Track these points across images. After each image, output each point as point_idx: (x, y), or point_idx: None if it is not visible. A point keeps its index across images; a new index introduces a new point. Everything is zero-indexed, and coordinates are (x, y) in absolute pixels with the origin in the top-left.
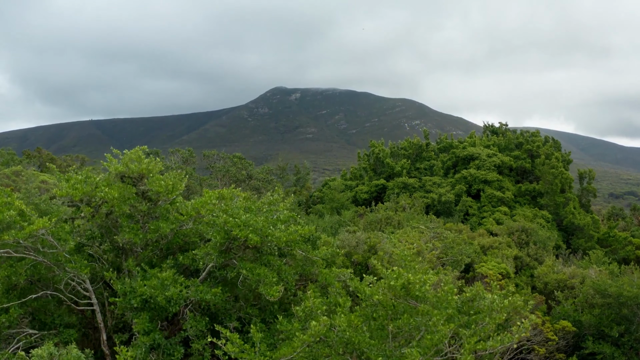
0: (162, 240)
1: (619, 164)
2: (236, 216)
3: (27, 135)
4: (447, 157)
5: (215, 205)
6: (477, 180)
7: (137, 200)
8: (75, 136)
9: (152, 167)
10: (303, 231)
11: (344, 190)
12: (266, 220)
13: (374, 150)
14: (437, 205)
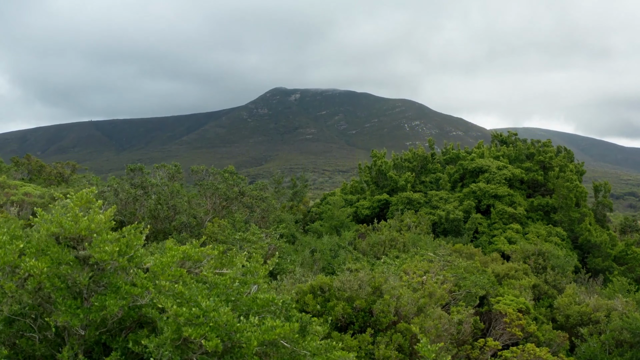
0: (111, 319)
1: (619, 165)
2: (194, 302)
3: (27, 136)
4: (454, 169)
5: (177, 272)
6: (486, 195)
7: (75, 269)
8: (74, 137)
9: (97, 224)
10: (284, 330)
11: (344, 206)
12: (235, 307)
13: (375, 161)
14: (445, 223)
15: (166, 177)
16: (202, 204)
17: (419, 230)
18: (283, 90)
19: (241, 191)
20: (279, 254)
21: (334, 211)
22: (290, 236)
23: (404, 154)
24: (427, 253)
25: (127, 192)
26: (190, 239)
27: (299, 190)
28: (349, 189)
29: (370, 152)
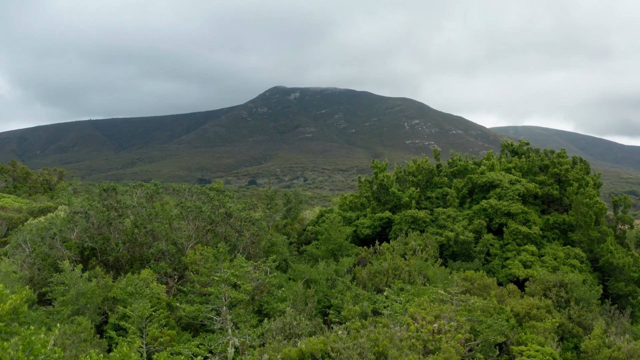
0: None
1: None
2: None
3: (26, 135)
4: (462, 183)
5: None
6: (498, 213)
7: None
8: (74, 136)
9: None
10: None
11: (342, 224)
12: None
13: (377, 174)
14: (454, 245)
15: (144, 198)
16: (184, 230)
17: (425, 254)
18: (282, 89)
19: (228, 213)
20: (269, 289)
21: (331, 233)
22: (283, 261)
23: (407, 165)
24: (437, 291)
25: (100, 213)
26: (169, 270)
27: (293, 206)
28: (348, 204)
29: (371, 162)
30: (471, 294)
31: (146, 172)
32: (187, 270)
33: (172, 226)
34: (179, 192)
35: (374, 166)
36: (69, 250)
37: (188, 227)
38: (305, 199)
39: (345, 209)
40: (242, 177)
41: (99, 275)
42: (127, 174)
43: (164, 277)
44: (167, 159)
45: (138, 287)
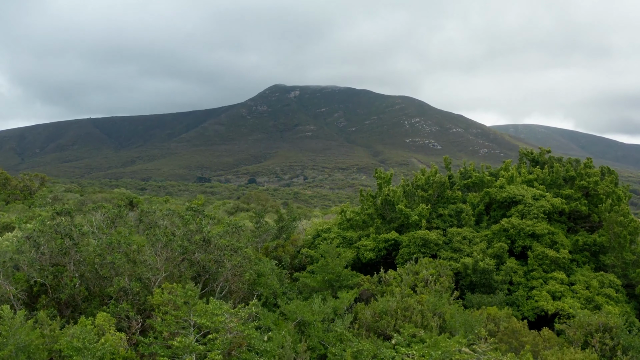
0: None
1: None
2: None
3: (25, 133)
4: (478, 197)
5: None
6: (522, 235)
7: None
8: (73, 135)
9: None
10: None
11: (341, 242)
12: None
13: (381, 186)
14: (472, 274)
15: (104, 224)
16: (151, 264)
17: (439, 286)
18: (282, 87)
19: (206, 239)
20: (249, 342)
21: (328, 260)
22: (272, 295)
23: (415, 176)
24: (459, 349)
25: (52, 241)
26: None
27: (286, 225)
28: (348, 222)
29: (374, 172)
30: (497, 340)
31: (146, 171)
32: (155, 312)
33: (136, 258)
34: (147, 215)
35: (377, 176)
36: (17, 284)
37: (155, 260)
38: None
39: (344, 227)
40: (242, 176)
41: (44, 323)
42: (127, 173)
43: (125, 321)
44: (166, 157)
45: (87, 340)
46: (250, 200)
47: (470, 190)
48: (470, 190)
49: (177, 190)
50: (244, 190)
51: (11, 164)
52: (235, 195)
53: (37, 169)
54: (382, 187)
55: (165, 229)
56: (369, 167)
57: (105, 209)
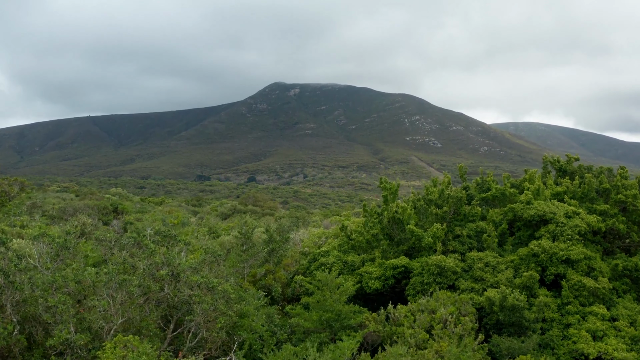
0: None
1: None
2: None
3: (25, 132)
4: (500, 214)
5: None
6: (554, 260)
7: None
8: (73, 133)
9: None
10: None
11: (341, 271)
12: None
13: (387, 199)
14: (499, 312)
15: (47, 257)
16: (103, 310)
17: (460, 328)
18: (282, 85)
19: (175, 273)
20: None
21: (325, 294)
22: (258, 341)
23: (426, 189)
24: None
25: None
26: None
27: (277, 246)
28: (349, 243)
29: (379, 181)
30: None
31: (145, 169)
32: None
33: (80, 304)
34: (104, 243)
35: (382, 187)
36: None
37: (106, 305)
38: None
39: (345, 250)
40: (242, 174)
41: None
42: (126, 171)
43: None
44: (166, 155)
45: None
46: (248, 201)
47: (489, 204)
48: (490, 205)
49: (177, 188)
50: (243, 189)
51: (11, 162)
52: (234, 193)
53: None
54: (388, 200)
55: (124, 262)
56: (369, 165)
57: (49, 238)
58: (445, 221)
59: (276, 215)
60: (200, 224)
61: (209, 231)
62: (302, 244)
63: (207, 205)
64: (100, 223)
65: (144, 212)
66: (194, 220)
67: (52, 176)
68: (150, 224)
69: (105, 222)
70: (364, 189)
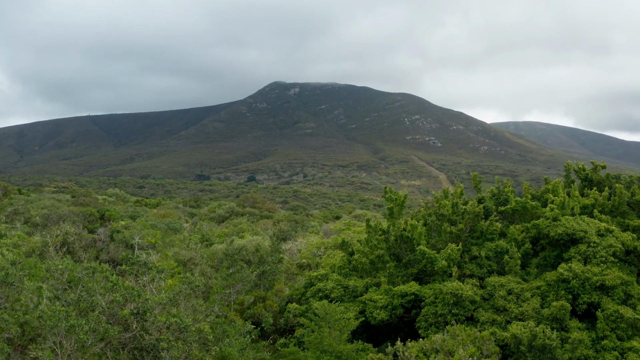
0: None
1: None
2: None
3: (24, 131)
4: (520, 230)
5: None
6: (587, 287)
7: None
8: (72, 132)
9: None
10: None
11: (342, 297)
12: None
13: (392, 211)
14: (527, 353)
15: None
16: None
17: None
18: (282, 85)
19: (141, 311)
20: None
21: (323, 330)
22: None
23: (437, 200)
24: None
25: None
26: None
27: (268, 269)
28: (351, 264)
29: (383, 191)
30: None
31: (145, 168)
32: None
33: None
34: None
35: (388, 198)
36: None
37: (50, 355)
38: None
39: (346, 273)
40: (242, 173)
41: None
42: (126, 170)
43: None
44: (166, 154)
45: None
46: (246, 202)
47: (508, 219)
48: (508, 220)
49: (176, 188)
50: (243, 189)
51: (10, 161)
52: (234, 193)
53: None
54: (394, 213)
55: (79, 299)
56: (369, 164)
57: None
58: (460, 240)
59: (274, 218)
60: (193, 230)
61: (201, 239)
62: (299, 254)
63: (205, 206)
64: (85, 231)
65: (136, 217)
66: (187, 226)
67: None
68: (139, 232)
69: (91, 230)
70: (364, 189)
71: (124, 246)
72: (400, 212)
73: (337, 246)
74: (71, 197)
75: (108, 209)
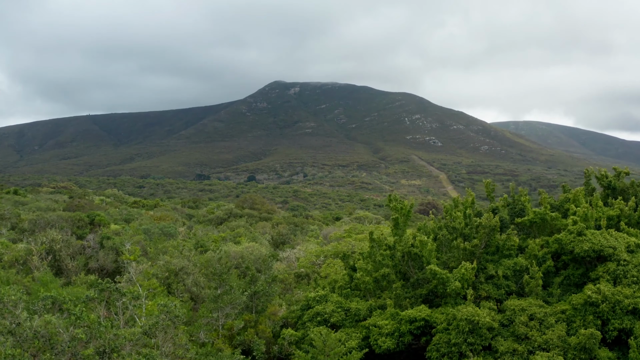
0: None
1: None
2: None
3: (24, 131)
4: (540, 246)
5: None
6: (617, 311)
7: None
8: (72, 132)
9: None
10: None
11: (343, 322)
12: None
13: (397, 222)
14: None
15: None
16: None
17: None
18: (282, 84)
19: (108, 350)
20: None
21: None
22: None
23: (447, 211)
24: None
25: None
26: None
27: (261, 290)
28: (351, 282)
29: (387, 199)
30: None
31: (145, 168)
32: None
33: None
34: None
35: (392, 207)
36: None
37: None
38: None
39: (347, 294)
40: (242, 173)
41: None
42: (126, 170)
43: None
44: (165, 154)
45: None
46: (245, 203)
47: (524, 231)
48: (525, 232)
49: (176, 188)
50: (243, 188)
51: (10, 161)
52: (234, 193)
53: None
54: (400, 225)
55: (36, 336)
56: (369, 164)
57: None
58: (474, 257)
59: (273, 220)
60: (188, 234)
61: (196, 245)
62: (297, 263)
63: (204, 207)
64: (73, 238)
65: (130, 220)
66: (182, 230)
67: (51, 175)
68: (130, 238)
69: (80, 236)
70: (364, 188)
71: (114, 253)
72: (406, 223)
73: (337, 255)
74: (68, 198)
75: (98, 214)
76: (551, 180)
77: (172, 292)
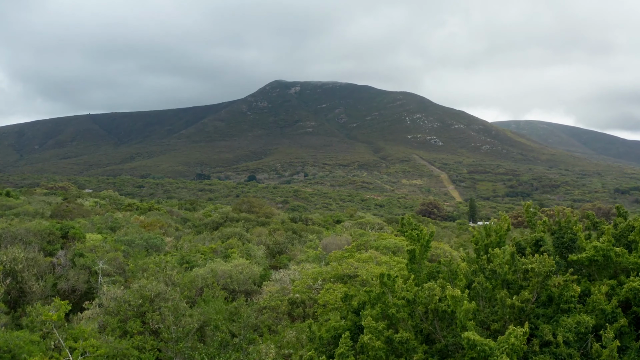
0: None
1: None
2: None
3: (24, 130)
4: (605, 292)
5: None
6: None
7: None
8: (72, 131)
9: None
10: None
11: None
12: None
13: (414, 256)
14: None
15: None
16: None
17: None
18: (283, 83)
19: None
20: None
21: None
22: None
23: (477, 241)
24: None
25: None
26: None
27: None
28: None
29: (400, 223)
30: None
31: (145, 167)
32: None
33: None
34: None
35: (408, 236)
36: None
37: None
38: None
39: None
40: (242, 172)
41: None
42: (126, 169)
43: None
44: (166, 153)
45: None
46: (243, 207)
47: (578, 271)
48: (579, 272)
49: (175, 188)
50: (243, 188)
51: (10, 160)
52: (234, 193)
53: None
54: (417, 258)
55: None
56: (370, 163)
57: None
58: (524, 314)
59: (271, 226)
60: (175, 246)
61: (180, 261)
62: (292, 286)
63: (201, 209)
64: (42, 255)
65: (116, 228)
66: (169, 241)
67: (51, 175)
68: (105, 254)
69: (49, 253)
70: (365, 188)
71: (87, 272)
72: (425, 255)
73: (336, 278)
74: (62, 200)
75: (72, 226)
76: (553, 179)
77: (147, 322)
